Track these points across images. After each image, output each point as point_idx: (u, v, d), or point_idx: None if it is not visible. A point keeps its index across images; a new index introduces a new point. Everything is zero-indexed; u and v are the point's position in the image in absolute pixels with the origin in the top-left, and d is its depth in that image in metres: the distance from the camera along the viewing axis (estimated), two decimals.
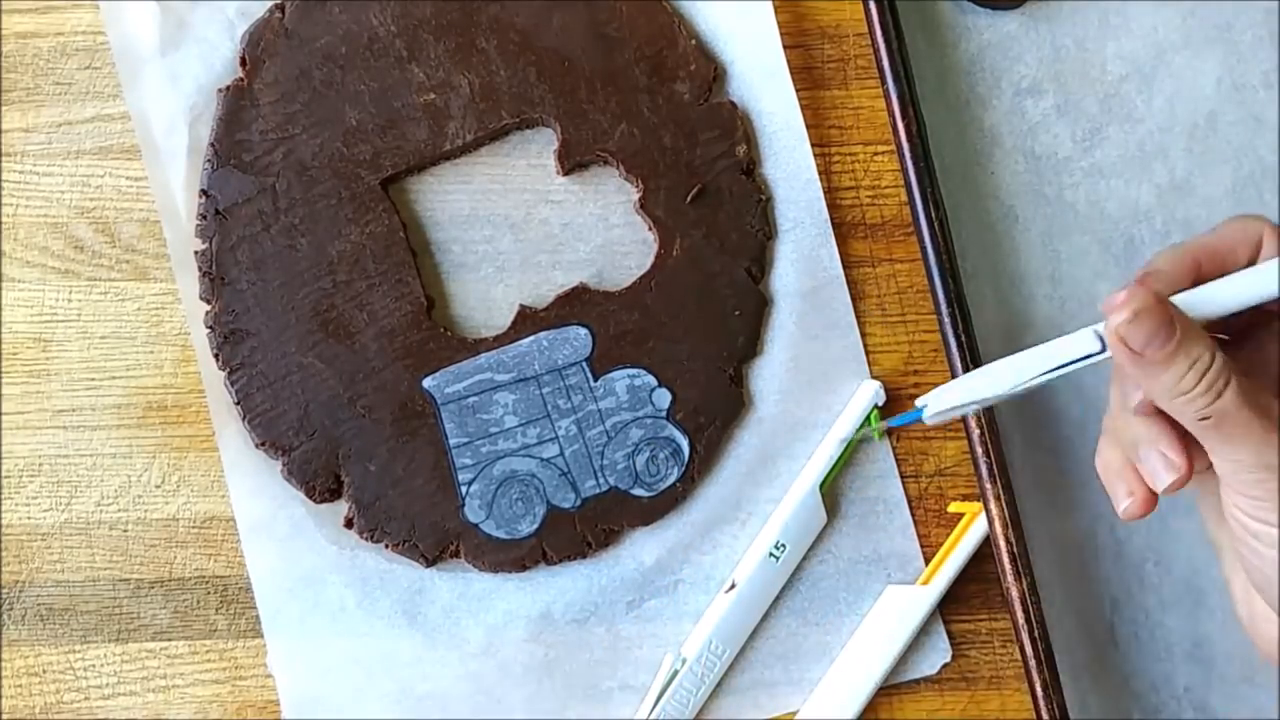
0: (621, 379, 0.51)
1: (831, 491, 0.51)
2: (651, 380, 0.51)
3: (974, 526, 0.51)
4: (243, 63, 0.51)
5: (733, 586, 0.50)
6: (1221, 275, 0.36)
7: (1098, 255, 0.54)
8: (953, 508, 0.52)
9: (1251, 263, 0.37)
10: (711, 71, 0.52)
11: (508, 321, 0.51)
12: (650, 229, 0.52)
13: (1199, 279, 0.36)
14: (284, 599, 0.50)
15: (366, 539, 0.50)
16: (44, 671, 0.50)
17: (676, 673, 0.50)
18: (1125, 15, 0.55)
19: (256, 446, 0.50)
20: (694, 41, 0.52)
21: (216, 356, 0.50)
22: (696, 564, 0.51)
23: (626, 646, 0.51)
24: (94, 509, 0.50)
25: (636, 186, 0.52)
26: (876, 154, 0.53)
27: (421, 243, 0.52)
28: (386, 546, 0.50)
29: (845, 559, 0.51)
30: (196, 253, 0.50)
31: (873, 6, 0.52)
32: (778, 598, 0.51)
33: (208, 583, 0.50)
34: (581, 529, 0.50)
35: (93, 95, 0.52)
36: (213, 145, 0.51)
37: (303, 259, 0.50)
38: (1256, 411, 0.34)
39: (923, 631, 0.51)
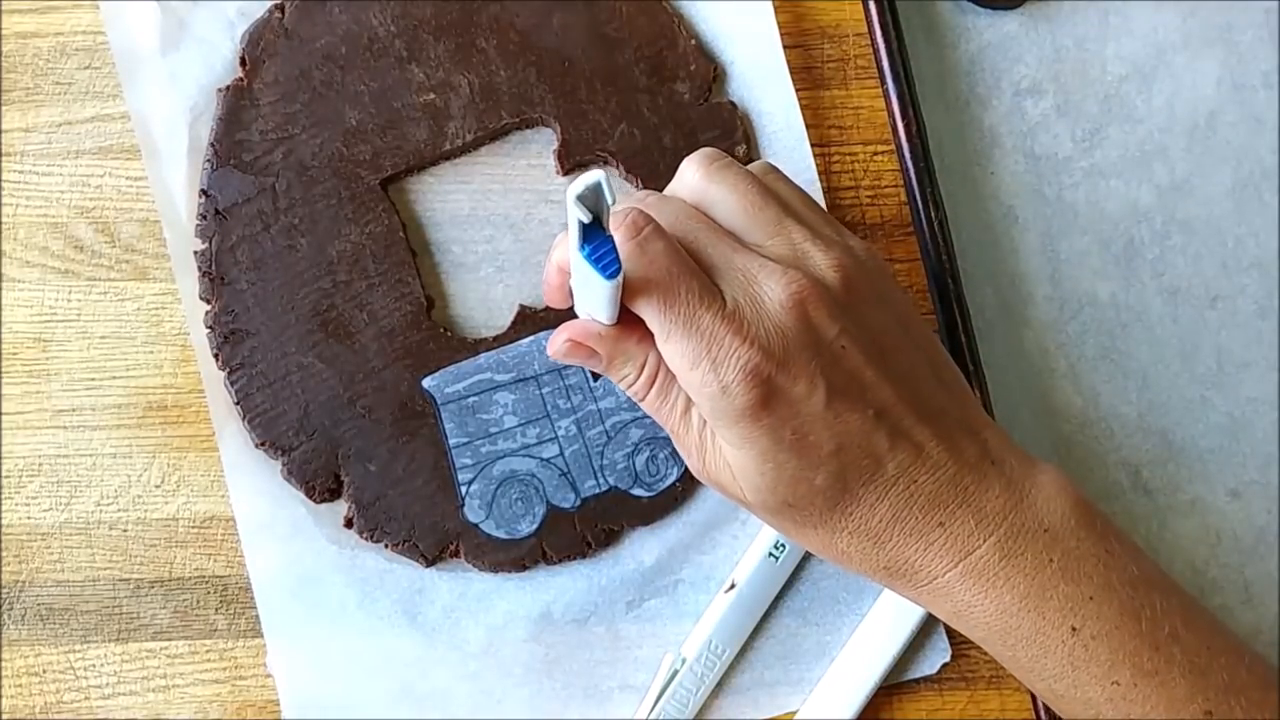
0: None
1: None
2: None
3: None
4: (243, 63, 0.51)
5: (733, 586, 0.50)
6: None
7: (1098, 255, 0.54)
8: None
9: None
10: (711, 71, 0.52)
11: (508, 321, 0.51)
12: None
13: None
14: (284, 599, 0.50)
15: (366, 539, 0.50)
16: (44, 671, 0.50)
17: (676, 673, 0.50)
18: (1125, 15, 0.55)
19: (256, 446, 0.50)
20: (694, 41, 0.52)
21: (216, 356, 0.50)
22: (696, 564, 0.51)
23: (626, 646, 0.51)
24: (94, 509, 0.50)
25: (636, 186, 0.52)
26: (876, 154, 0.53)
27: (421, 243, 0.52)
28: (386, 546, 0.50)
29: None
30: (196, 253, 0.50)
31: (873, 6, 0.52)
32: (778, 598, 0.51)
33: (208, 583, 0.50)
34: (581, 529, 0.50)
35: (93, 95, 0.52)
36: (213, 145, 0.51)
37: (303, 259, 0.50)
38: (664, 414, 0.43)
39: (923, 631, 0.51)
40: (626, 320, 0.41)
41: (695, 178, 0.42)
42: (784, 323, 0.39)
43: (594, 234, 0.36)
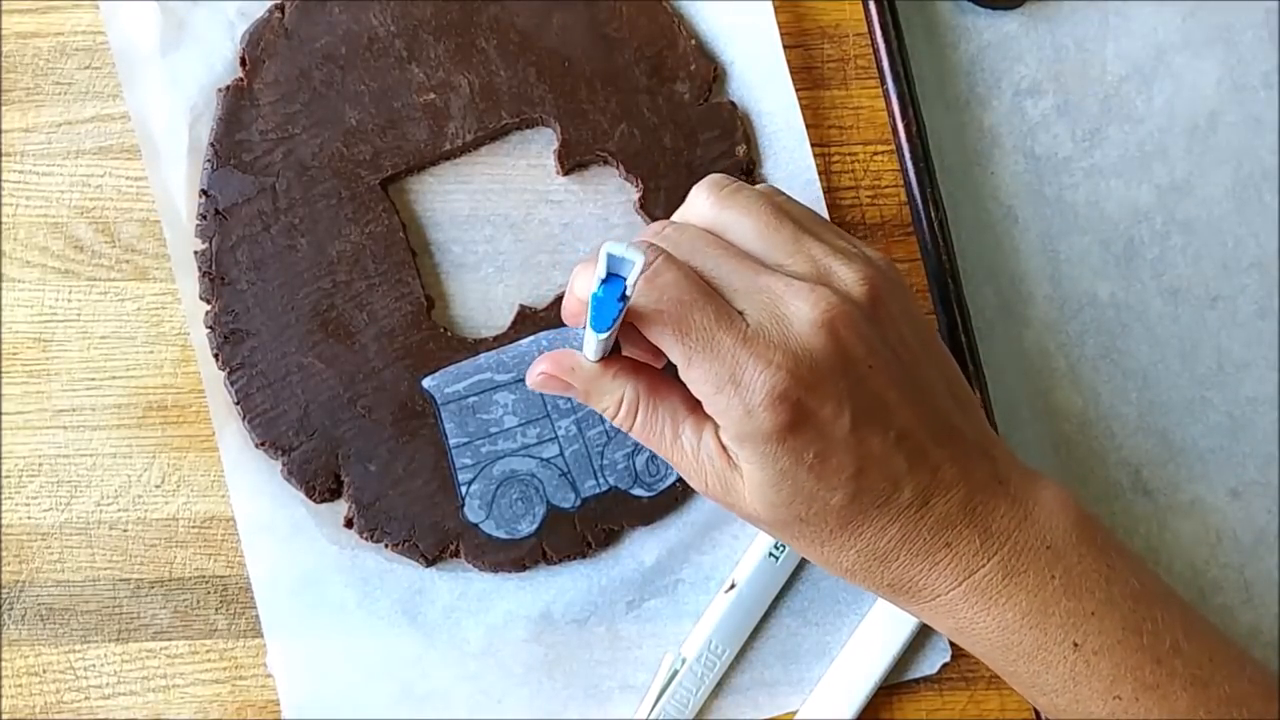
0: None
1: None
2: None
3: None
4: (243, 63, 0.51)
5: (733, 586, 0.50)
6: None
7: (1098, 255, 0.54)
8: None
9: None
10: (711, 71, 0.52)
11: (508, 321, 0.51)
12: None
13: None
14: (284, 599, 0.50)
15: (366, 539, 0.50)
16: (44, 671, 0.50)
17: (676, 673, 0.50)
18: (1125, 15, 0.55)
19: (256, 446, 0.50)
20: (694, 41, 0.52)
21: (216, 356, 0.50)
22: (696, 564, 0.51)
23: (626, 646, 0.51)
24: (94, 509, 0.50)
25: (636, 186, 0.52)
26: (876, 154, 0.53)
27: (421, 243, 0.52)
28: (386, 546, 0.50)
29: None
30: (196, 253, 0.50)
31: (873, 6, 0.52)
32: (778, 598, 0.51)
33: (208, 583, 0.50)
34: (581, 529, 0.50)
35: (93, 95, 0.52)
36: (213, 145, 0.51)
37: (303, 259, 0.50)
38: (653, 442, 0.42)
39: (923, 631, 0.51)
40: (607, 356, 0.42)
41: (707, 204, 0.42)
42: (813, 344, 0.39)
43: (611, 287, 0.37)
